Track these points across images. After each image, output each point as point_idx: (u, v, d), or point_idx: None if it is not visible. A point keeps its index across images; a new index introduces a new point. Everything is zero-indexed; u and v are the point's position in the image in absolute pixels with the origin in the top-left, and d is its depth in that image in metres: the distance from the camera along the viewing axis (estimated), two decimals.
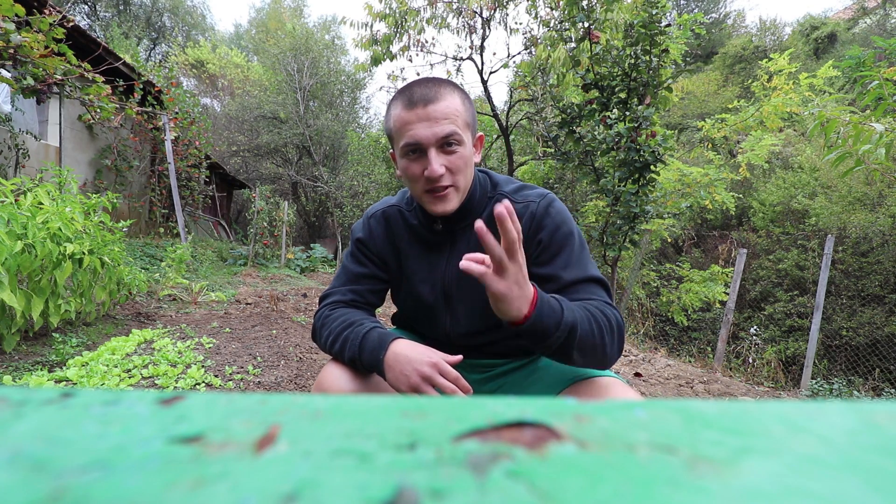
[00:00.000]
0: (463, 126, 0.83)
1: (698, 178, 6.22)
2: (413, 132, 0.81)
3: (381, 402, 0.19)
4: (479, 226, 0.62)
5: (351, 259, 1.02)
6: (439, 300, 0.96)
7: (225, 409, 0.18)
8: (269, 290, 5.45)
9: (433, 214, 0.88)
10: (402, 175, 0.88)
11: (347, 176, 13.55)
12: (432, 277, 0.95)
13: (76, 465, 0.14)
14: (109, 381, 1.95)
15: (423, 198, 0.86)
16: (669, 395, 2.74)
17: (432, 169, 0.81)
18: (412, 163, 0.84)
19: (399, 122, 0.83)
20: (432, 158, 0.81)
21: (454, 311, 0.96)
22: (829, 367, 6.09)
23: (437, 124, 0.80)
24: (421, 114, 0.80)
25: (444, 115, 0.80)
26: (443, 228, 0.93)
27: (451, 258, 0.94)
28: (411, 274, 0.98)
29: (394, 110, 0.85)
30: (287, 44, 14.53)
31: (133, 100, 6.24)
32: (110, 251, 2.79)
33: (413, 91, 0.82)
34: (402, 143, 0.83)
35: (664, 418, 0.18)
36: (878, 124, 2.34)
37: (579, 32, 3.93)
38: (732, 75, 17.00)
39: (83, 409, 0.18)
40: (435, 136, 0.80)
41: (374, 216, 1.01)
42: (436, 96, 0.81)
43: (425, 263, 0.96)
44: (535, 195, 0.91)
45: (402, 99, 0.83)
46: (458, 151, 0.83)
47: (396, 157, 0.89)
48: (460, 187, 0.86)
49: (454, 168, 0.83)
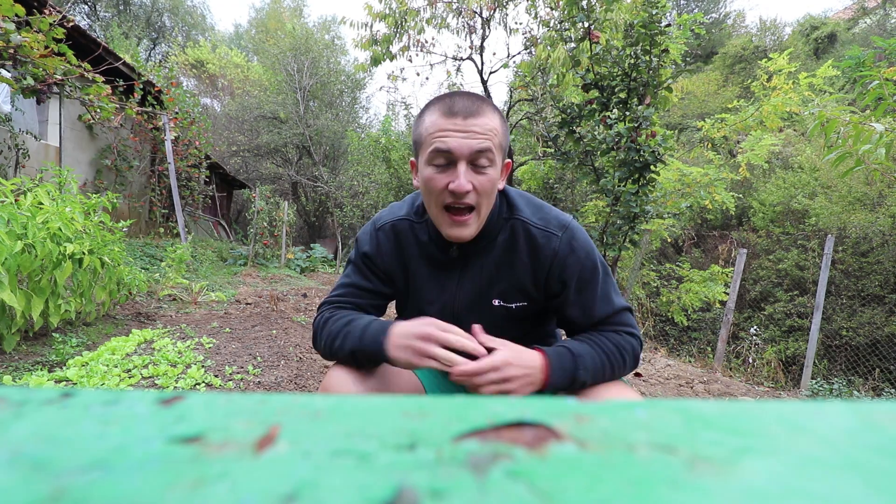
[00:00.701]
0: (497, 147, 0.80)
1: (698, 178, 6.22)
2: (447, 140, 0.77)
3: (381, 402, 0.19)
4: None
5: (355, 270, 0.98)
6: (448, 321, 0.94)
7: (225, 409, 0.18)
8: (269, 290, 5.45)
9: (447, 239, 0.84)
10: (422, 186, 0.83)
11: (347, 176, 13.55)
12: (441, 299, 0.92)
13: (76, 465, 0.14)
14: (109, 381, 1.95)
15: (441, 217, 0.82)
16: (669, 395, 2.74)
17: (460, 183, 0.76)
18: (438, 173, 0.79)
19: (433, 128, 0.79)
20: (461, 172, 0.77)
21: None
22: (829, 367, 6.09)
23: (473, 138, 0.77)
24: (460, 124, 0.77)
25: (482, 130, 0.77)
26: (452, 254, 0.90)
27: (462, 281, 0.91)
28: (419, 293, 0.94)
29: (429, 116, 0.81)
30: (287, 44, 14.53)
31: (133, 100, 6.24)
32: (110, 251, 2.79)
33: (455, 101, 0.79)
34: (431, 148, 0.78)
35: (664, 418, 0.18)
36: (878, 124, 2.34)
37: (579, 32, 3.93)
38: (732, 75, 17.00)
39: (83, 409, 0.18)
40: (469, 149, 0.77)
41: (382, 229, 0.96)
42: (478, 111, 0.78)
43: (435, 284, 0.93)
44: (556, 226, 0.87)
45: (440, 106, 0.80)
46: (487, 173, 0.79)
47: (419, 165, 0.84)
48: (482, 213, 0.82)
49: (481, 189, 0.79)
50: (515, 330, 0.94)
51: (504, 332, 0.93)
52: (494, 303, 0.90)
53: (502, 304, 0.90)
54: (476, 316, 0.91)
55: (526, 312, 0.92)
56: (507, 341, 0.81)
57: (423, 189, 0.84)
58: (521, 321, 0.94)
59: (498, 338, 0.87)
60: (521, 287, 0.89)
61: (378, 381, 0.87)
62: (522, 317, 0.92)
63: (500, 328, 0.92)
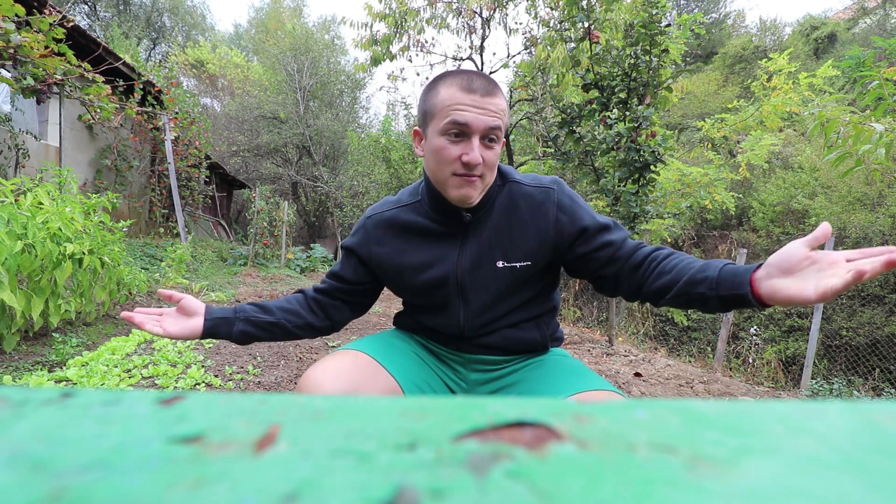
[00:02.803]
0: (503, 127, 0.87)
1: (698, 178, 6.22)
2: (465, 114, 0.82)
3: (381, 402, 0.19)
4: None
5: (342, 260, 1.05)
6: (452, 292, 0.95)
7: (225, 409, 0.18)
8: (269, 290, 5.45)
9: (454, 202, 0.88)
10: (432, 154, 0.87)
11: (347, 176, 13.56)
12: (445, 269, 0.94)
13: (76, 465, 0.14)
14: (109, 381, 1.95)
15: (450, 181, 0.86)
16: (669, 395, 2.74)
17: (475, 155, 0.82)
18: (451, 144, 0.84)
19: (450, 101, 0.83)
20: (475, 146, 0.83)
21: (469, 303, 0.95)
22: (829, 367, 6.09)
23: (489, 115, 0.83)
24: (478, 101, 0.82)
25: (496, 110, 0.84)
26: (456, 220, 0.93)
27: (464, 249, 0.93)
28: (419, 268, 0.96)
29: (445, 89, 0.85)
30: (287, 44, 14.53)
31: (133, 100, 6.23)
32: (110, 251, 2.79)
33: (472, 79, 0.84)
34: (447, 120, 0.83)
35: (664, 418, 0.18)
36: (878, 124, 2.34)
37: (579, 32, 3.93)
38: (732, 75, 17.00)
39: (83, 409, 0.18)
40: (485, 125, 0.83)
41: (371, 218, 1.01)
42: (493, 91, 0.84)
43: (436, 256, 0.95)
44: (548, 182, 0.94)
45: (458, 80, 0.84)
46: (495, 148, 0.86)
47: (428, 134, 0.88)
48: (486, 183, 0.88)
49: (489, 162, 0.85)
50: (520, 294, 0.96)
51: (509, 296, 0.96)
52: (498, 265, 0.93)
53: (506, 265, 0.93)
54: (481, 280, 0.93)
55: (529, 272, 0.94)
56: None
57: (432, 157, 0.87)
58: (525, 284, 0.96)
59: (502, 302, 0.95)
60: (524, 246, 0.92)
61: (353, 382, 0.86)
62: (526, 278, 0.95)
63: (504, 292, 0.95)
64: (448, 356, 1.04)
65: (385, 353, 0.95)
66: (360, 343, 0.96)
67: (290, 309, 1.01)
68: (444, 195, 0.89)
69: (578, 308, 7.06)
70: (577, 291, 7.42)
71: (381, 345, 0.97)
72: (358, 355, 0.91)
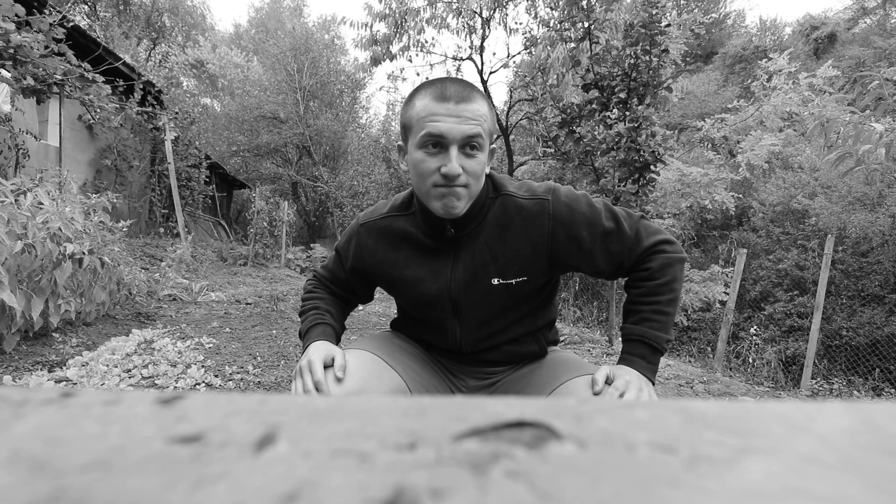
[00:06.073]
0: (486, 133, 0.82)
1: (698, 178, 6.22)
2: (439, 125, 0.78)
3: (381, 403, 0.19)
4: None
5: (334, 260, 1.05)
6: (446, 310, 0.93)
7: (225, 409, 0.18)
8: (269, 290, 5.45)
9: (439, 215, 0.84)
10: (412, 169, 0.84)
11: (347, 176, 13.56)
12: (437, 286, 0.92)
13: (76, 465, 0.14)
14: (109, 381, 1.95)
15: (432, 193, 0.82)
16: (669, 395, 2.74)
17: (452, 166, 0.78)
18: (429, 157, 0.81)
19: (425, 112, 0.80)
20: (453, 156, 0.79)
21: (464, 320, 0.93)
22: (829, 367, 6.08)
23: (465, 123, 0.79)
24: (452, 109, 0.79)
25: (473, 116, 0.79)
26: (448, 235, 0.90)
27: (457, 265, 0.90)
28: (411, 283, 0.94)
29: (419, 100, 0.82)
30: (287, 44, 14.53)
31: (133, 100, 6.24)
32: (110, 251, 2.79)
33: (446, 86, 0.80)
34: (423, 132, 0.80)
35: (664, 418, 0.18)
36: (878, 124, 2.34)
37: (579, 32, 3.93)
38: (732, 75, 17.00)
39: (83, 409, 0.18)
40: (462, 134, 0.79)
41: (365, 225, 0.98)
42: (469, 97, 0.80)
43: (428, 271, 0.92)
44: (542, 192, 0.89)
45: (432, 91, 0.81)
46: (477, 157, 0.81)
47: (409, 149, 0.85)
48: (472, 193, 0.84)
49: (471, 172, 0.81)
50: (517, 310, 0.93)
51: (506, 313, 0.93)
52: (494, 282, 0.90)
53: (501, 282, 0.89)
54: (475, 297, 0.91)
55: (526, 288, 0.91)
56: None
57: (413, 172, 0.85)
58: (523, 299, 0.93)
59: (499, 318, 0.93)
60: (519, 260, 0.89)
61: (359, 380, 0.85)
62: (524, 293, 0.92)
63: (501, 309, 0.92)
64: (448, 364, 1.04)
65: (389, 351, 0.94)
66: (363, 342, 0.96)
67: (336, 311, 1.05)
68: (429, 208, 0.86)
69: (578, 308, 7.05)
70: (577, 291, 7.42)
71: (385, 344, 0.97)
72: (362, 354, 0.90)
